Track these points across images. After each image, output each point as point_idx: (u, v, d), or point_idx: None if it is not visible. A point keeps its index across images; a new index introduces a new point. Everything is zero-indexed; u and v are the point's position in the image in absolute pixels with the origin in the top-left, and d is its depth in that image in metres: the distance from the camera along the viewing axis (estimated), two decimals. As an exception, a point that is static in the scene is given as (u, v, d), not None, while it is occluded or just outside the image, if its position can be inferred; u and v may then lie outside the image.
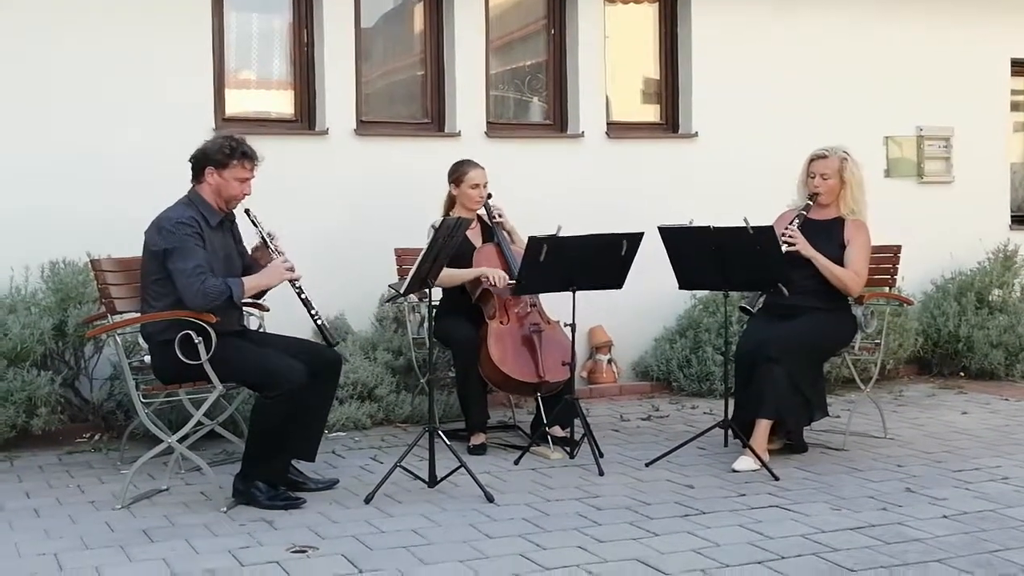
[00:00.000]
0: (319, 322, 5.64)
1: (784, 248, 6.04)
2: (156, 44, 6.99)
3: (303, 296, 5.61)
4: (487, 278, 6.42)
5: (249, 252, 5.78)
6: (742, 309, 6.23)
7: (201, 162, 5.50)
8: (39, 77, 6.76)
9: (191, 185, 5.54)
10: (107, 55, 6.89)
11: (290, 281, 5.60)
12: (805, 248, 6.10)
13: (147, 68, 6.96)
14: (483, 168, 6.67)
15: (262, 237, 5.67)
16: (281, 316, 6.18)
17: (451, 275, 6.38)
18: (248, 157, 5.50)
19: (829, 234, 6.25)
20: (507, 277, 6.43)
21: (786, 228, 6.17)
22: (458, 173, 6.67)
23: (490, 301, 6.51)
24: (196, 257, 5.27)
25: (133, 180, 6.75)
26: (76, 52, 6.82)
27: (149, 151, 6.84)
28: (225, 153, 5.46)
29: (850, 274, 6.17)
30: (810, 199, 6.29)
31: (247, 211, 5.64)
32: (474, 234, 6.69)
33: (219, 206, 5.52)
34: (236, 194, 5.52)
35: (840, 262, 6.19)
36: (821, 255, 6.12)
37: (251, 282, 5.51)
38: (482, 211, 6.74)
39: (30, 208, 6.68)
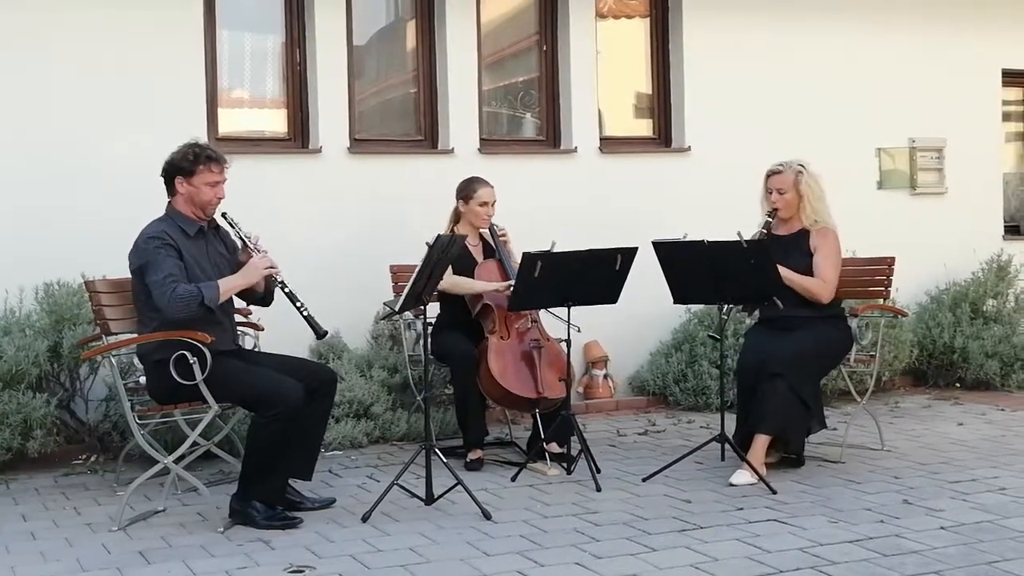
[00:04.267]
0: (305, 313, 5.61)
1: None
2: (149, 64, 7.00)
3: (286, 290, 5.59)
4: (511, 288, 6.41)
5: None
6: (711, 337, 6.17)
7: (170, 173, 5.52)
8: (31, 99, 6.77)
9: (168, 200, 5.55)
10: (100, 76, 6.89)
11: (275, 279, 5.59)
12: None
13: (140, 88, 6.97)
14: (493, 187, 6.68)
15: (241, 238, 5.66)
16: (277, 334, 6.18)
17: (459, 283, 6.39)
18: (214, 160, 5.50)
19: (797, 247, 6.26)
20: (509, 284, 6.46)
21: None
22: (467, 190, 6.67)
23: (490, 316, 6.51)
24: (166, 268, 5.27)
25: (127, 200, 6.72)
26: (68, 73, 6.83)
27: (142, 171, 6.78)
28: (190, 160, 5.47)
29: (816, 282, 6.18)
30: (770, 215, 6.31)
31: (224, 215, 5.64)
32: (476, 250, 6.71)
33: (195, 215, 5.52)
34: (209, 199, 5.50)
35: (811, 271, 6.20)
36: (785, 269, 6.10)
37: (228, 283, 5.48)
38: (485, 229, 6.75)
39: (23, 229, 6.68)
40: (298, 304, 5.60)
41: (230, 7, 7.43)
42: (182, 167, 5.48)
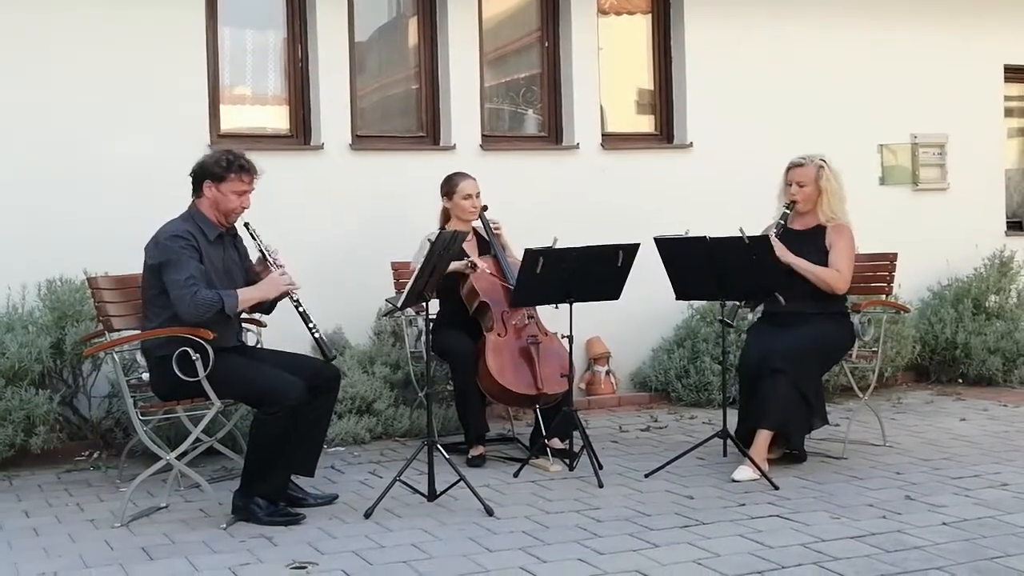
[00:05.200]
0: (317, 336, 5.64)
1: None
2: (151, 61, 7.00)
3: (301, 309, 5.61)
4: (469, 264, 6.41)
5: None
6: (722, 322, 6.17)
7: (200, 176, 5.52)
8: (35, 96, 6.77)
9: (192, 199, 5.56)
10: (102, 73, 6.89)
11: (288, 295, 5.60)
12: (784, 253, 6.10)
13: (142, 85, 6.97)
14: (474, 179, 6.69)
15: (261, 251, 5.68)
16: (279, 331, 6.18)
17: None
18: (246, 170, 5.51)
19: (813, 242, 6.25)
20: (488, 266, 6.45)
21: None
22: (449, 186, 6.69)
23: (487, 313, 6.52)
24: (188, 269, 5.28)
25: (129, 197, 6.75)
26: (72, 70, 6.83)
27: (145, 168, 6.85)
28: (222, 166, 5.47)
29: (831, 272, 6.17)
30: (788, 207, 6.31)
31: (246, 225, 5.65)
32: (470, 246, 6.70)
33: (218, 220, 5.53)
34: (234, 207, 5.52)
35: (825, 266, 6.20)
36: (800, 258, 6.12)
37: (247, 294, 5.51)
38: (478, 224, 6.76)
39: (26, 226, 6.69)
40: (310, 325, 5.62)
41: (231, 4, 7.42)
42: (214, 172, 5.48)
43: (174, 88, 7.05)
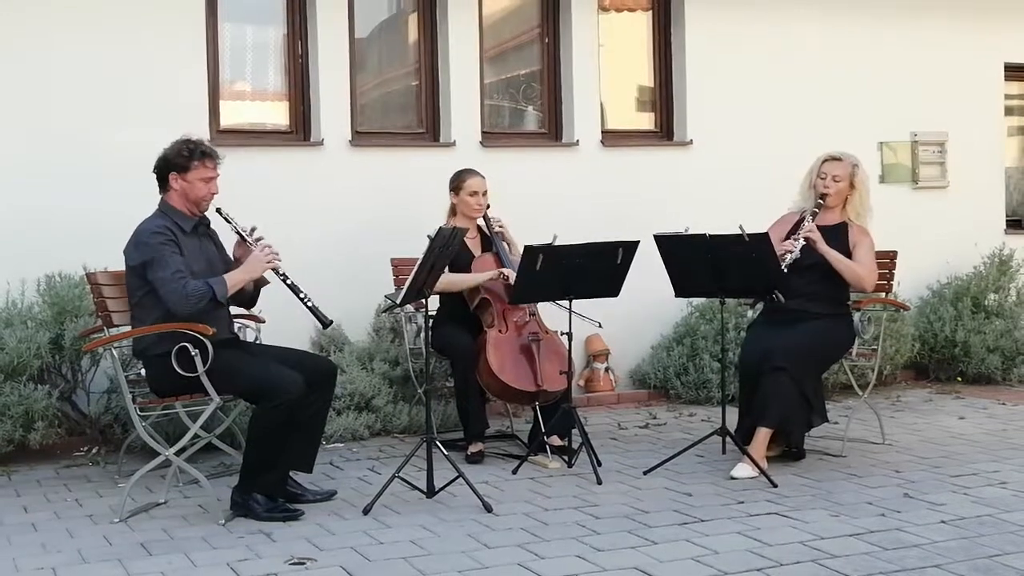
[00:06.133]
0: (310, 304, 5.59)
1: (801, 243, 6.07)
2: (150, 56, 6.99)
3: (288, 281, 5.57)
4: (503, 276, 6.42)
5: (231, 255, 5.75)
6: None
7: (164, 170, 5.50)
8: (33, 92, 6.76)
9: (160, 196, 5.54)
10: (101, 69, 6.88)
11: (274, 271, 5.58)
12: (822, 244, 6.11)
13: (142, 81, 6.96)
14: (483, 177, 6.68)
15: (238, 232, 5.64)
16: (278, 327, 6.18)
17: (454, 280, 6.40)
18: (209, 156, 5.50)
19: (836, 238, 6.25)
20: (511, 274, 6.44)
21: (803, 224, 6.18)
22: (457, 181, 6.69)
23: (488, 309, 6.52)
24: (174, 263, 5.28)
25: (128, 193, 6.70)
26: (70, 67, 6.82)
27: (144, 164, 6.78)
28: (185, 156, 5.46)
29: (864, 268, 6.19)
30: (821, 199, 6.30)
31: (218, 210, 5.61)
32: (474, 243, 6.71)
33: (190, 211, 5.51)
34: (204, 195, 5.50)
35: None
36: (835, 251, 6.14)
37: (234, 278, 5.47)
38: (481, 221, 6.75)
39: (25, 222, 6.68)
40: (301, 295, 5.59)
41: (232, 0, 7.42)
42: (177, 163, 5.46)
43: (174, 84, 7.04)
